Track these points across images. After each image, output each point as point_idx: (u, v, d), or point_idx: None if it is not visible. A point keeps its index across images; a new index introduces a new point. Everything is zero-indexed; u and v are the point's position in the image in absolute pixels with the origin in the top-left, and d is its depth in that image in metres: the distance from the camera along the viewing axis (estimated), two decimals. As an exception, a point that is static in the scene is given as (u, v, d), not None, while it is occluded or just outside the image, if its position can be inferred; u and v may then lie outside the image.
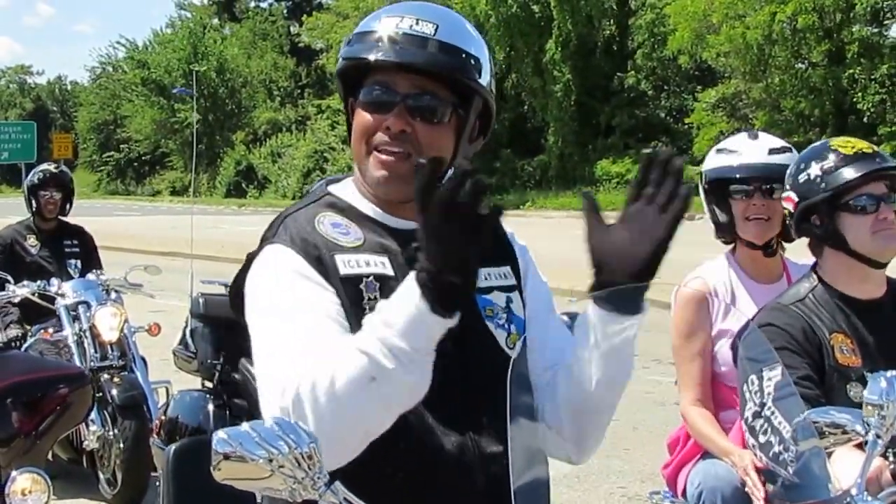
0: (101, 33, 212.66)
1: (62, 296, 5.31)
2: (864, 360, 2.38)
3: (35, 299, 5.38)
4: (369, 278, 1.60)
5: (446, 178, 1.60)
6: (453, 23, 1.67)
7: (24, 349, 5.21)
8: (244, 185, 43.79)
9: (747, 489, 2.51)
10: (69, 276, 5.63)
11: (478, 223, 1.34)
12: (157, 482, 1.79)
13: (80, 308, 5.25)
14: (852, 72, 24.91)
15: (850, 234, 2.41)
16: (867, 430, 1.78)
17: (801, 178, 2.47)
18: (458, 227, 1.33)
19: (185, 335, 4.62)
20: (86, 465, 5.16)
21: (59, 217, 5.92)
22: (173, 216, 29.50)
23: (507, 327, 1.69)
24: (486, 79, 1.66)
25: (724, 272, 3.02)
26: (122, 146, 56.05)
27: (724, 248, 3.10)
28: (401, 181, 1.61)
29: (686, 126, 29.88)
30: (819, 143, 2.58)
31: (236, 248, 16.64)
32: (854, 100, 24.97)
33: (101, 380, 4.99)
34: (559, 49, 30.75)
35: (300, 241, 1.61)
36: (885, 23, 26.71)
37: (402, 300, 1.39)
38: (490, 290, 1.69)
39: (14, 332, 5.45)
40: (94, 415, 4.82)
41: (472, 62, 1.64)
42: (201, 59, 45.87)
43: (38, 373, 3.30)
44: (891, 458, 2.01)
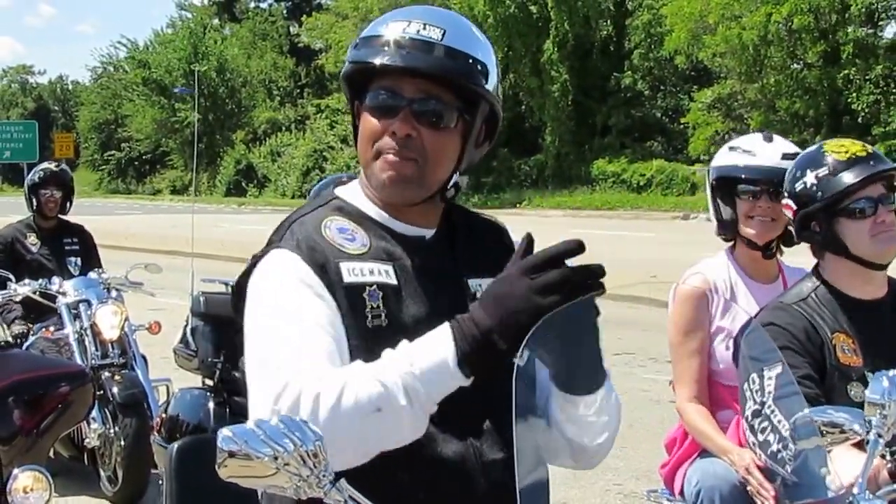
0: (103, 33, 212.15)
1: (63, 294, 5.31)
2: (865, 360, 2.38)
3: (36, 297, 5.38)
4: (372, 287, 1.59)
5: (450, 184, 1.66)
6: (460, 28, 1.65)
7: (25, 347, 5.19)
8: (244, 183, 43.76)
9: (749, 489, 2.51)
10: (69, 275, 5.63)
11: (557, 292, 1.30)
12: (160, 481, 1.88)
13: (81, 306, 5.25)
14: (847, 72, 24.79)
15: (849, 239, 2.40)
16: (868, 430, 1.78)
17: (798, 186, 2.45)
18: (540, 292, 1.30)
19: (185, 333, 4.64)
20: (87, 462, 5.17)
21: (60, 215, 5.93)
22: (173, 215, 29.44)
23: None
24: (492, 84, 1.65)
25: (724, 269, 3.00)
26: (122, 145, 56.00)
27: (719, 246, 3.07)
28: (405, 184, 1.61)
29: (681, 126, 29.82)
30: (813, 147, 2.54)
31: (236, 246, 16.72)
32: (849, 100, 24.84)
33: (102, 378, 4.99)
34: (556, 49, 30.69)
35: (306, 247, 1.60)
36: (880, 23, 26.59)
37: (434, 345, 1.37)
38: None
39: (18, 328, 5.48)
40: (94, 412, 4.82)
41: (479, 67, 1.63)
42: (202, 58, 45.78)
43: (40, 371, 3.29)
44: (888, 457, 2.00)
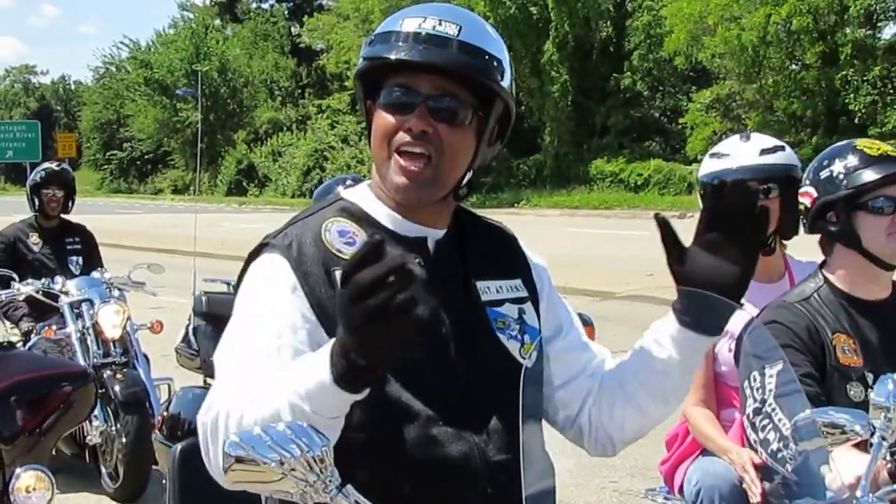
0: (105, 34, 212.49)
1: (66, 293, 5.35)
2: (865, 360, 2.39)
3: (39, 297, 5.42)
4: None
5: (463, 183, 1.66)
6: (475, 24, 1.64)
7: (27, 348, 5.20)
8: (245, 183, 43.90)
9: (745, 485, 2.52)
10: (70, 274, 5.67)
11: (390, 316, 1.24)
12: (164, 480, 1.94)
13: (84, 305, 5.28)
14: (845, 73, 24.86)
15: (865, 233, 2.42)
16: (872, 432, 1.78)
17: (823, 174, 2.47)
18: (361, 317, 1.25)
19: (188, 333, 4.69)
20: (88, 459, 5.21)
21: (62, 215, 5.98)
22: (175, 214, 29.54)
23: (520, 338, 1.68)
24: (507, 81, 1.65)
25: None
26: (125, 145, 56.22)
27: None
28: (420, 187, 1.61)
29: (679, 126, 29.95)
30: (844, 142, 2.57)
31: (237, 245, 16.83)
32: (846, 101, 24.92)
33: (104, 376, 5.02)
34: (556, 50, 30.77)
35: (297, 252, 1.59)
36: (879, 25, 26.65)
37: (315, 365, 1.35)
38: (502, 302, 1.69)
39: (26, 325, 5.53)
40: (97, 410, 4.86)
41: (495, 64, 1.62)
42: (203, 59, 45.97)
43: (42, 371, 3.28)
44: (888, 458, 2.00)
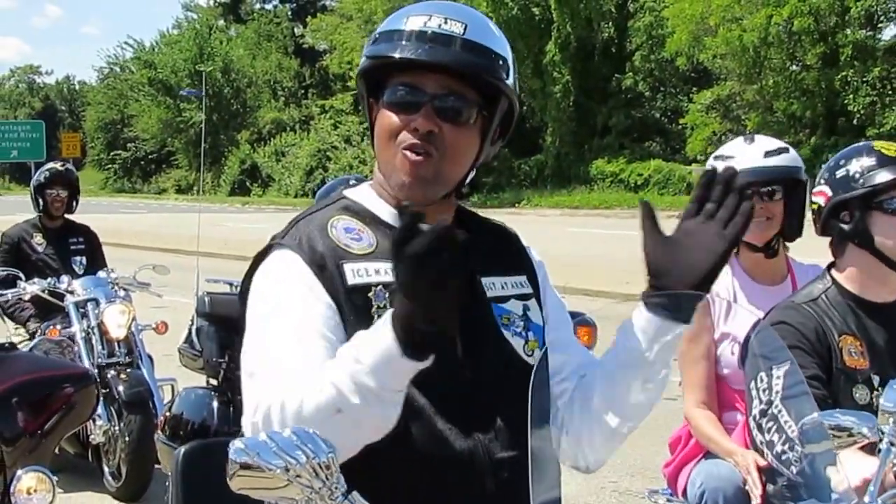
0: (108, 34, 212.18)
1: (72, 293, 5.37)
2: (871, 363, 2.40)
3: (45, 296, 5.45)
4: (378, 287, 1.56)
5: (466, 181, 1.66)
6: (480, 22, 1.64)
7: (29, 349, 5.18)
8: (248, 183, 44.03)
9: (747, 487, 2.52)
10: (74, 274, 5.68)
11: (447, 280, 1.29)
12: (167, 482, 2.01)
13: (89, 305, 5.30)
14: (845, 74, 24.89)
15: (878, 233, 2.41)
16: (881, 438, 1.78)
17: (839, 173, 2.46)
18: (427, 284, 1.29)
19: (191, 333, 4.68)
20: (91, 458, 5.22)
21: (65, 215, 6.01)
22: (178, 214, 29.68)
23: (524, 335, 1.67)
24: (511, 79, 1.64)
25: (726, 276, 2.98)
26: (129, 145, 56.35)
27: None
28: (424, 185, 1.60)
29: (680, 127, 29.99)
30: (862, 143, 2.59)
31: (239, 245, 16.94)
32: (845, 102, 24.96)
33: (108, 376, 5.05)
34: (559, 51, 30.76)
35: (308, 247, 1.58)
36: (879, 26, 26.70)
37: (376, 339, 1.36)
38: (507, 298, 1.68)
39: (34, 326, 5.56)
40: (100, 410, 4.90)
41: (500, 62, 1.61)
42: (207, 59, 46.07)
43: (43, 372, 3.24)
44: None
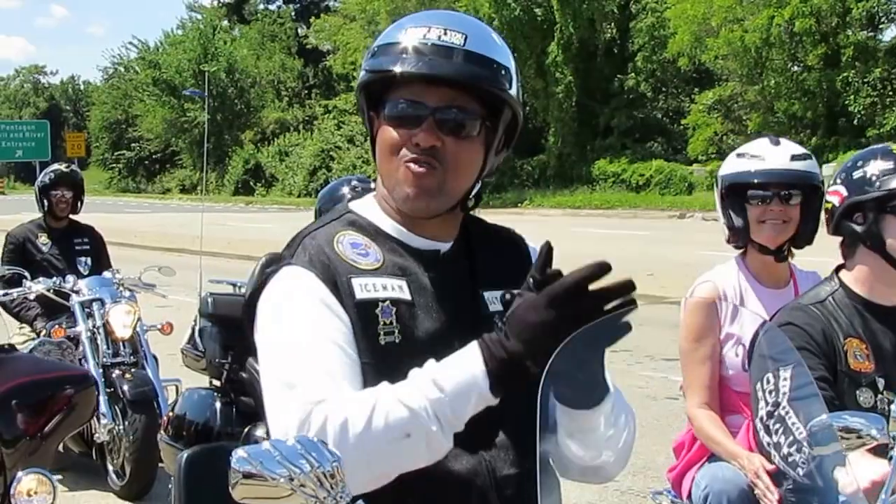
0: (113, 34, 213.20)
1: (77, 292, 5.38)
2: (876, 366, 2.40)
3: (50, 295, 5.45)
4: (385, 303, 1.54)
5: (472, 194, 1.63)
6: (481, 32, 1.60)
7: (29, 350, 5.13)
8: (252, 182, 44.19)
9: (757, 492, 2.51)
10: (79, 274, 5.68)
11: (587, 320, 1.24)
12: (169, 485, 2.07)
13: (95, 305, 5.31)
14: (846, 75, 24.99)
15: (890, 237, 2.41)
16: (892, 445, 1.77)
17: (856, 174, 2.47)
18: (570, 322, 1.25)
19: (193, 334, 4.68)
20: (95, 457, 5.25)
21: (70, 216, 6.01)
22: (182, 213, 29.78)
23: None
24: (514, 89, 1.60)
25: (733, 276, 2.99)
26: (133, 145, 56.49)
27: (714, 245, 3.10)
28: (429, 198, 1.56)
29: (681, 127, 30.08)
30: (881, 145, 2.61)
31: (243, 244, 17.08)
32: (846, 102, 25.03)
33: (113, 375, 5.09)
34: (561, 51, 30.85)
35: (319, 263, 1.55)
36: (880, 27, 26.84)
37: (461, 368, 1.33)
38: None
39: (40, 325, 5.56)
40: (105, 409, 4.97)
41: (503, 72, 1.57)
42: (211, 59, 46.17)
43: (44, 374, 3.24)
44: None
